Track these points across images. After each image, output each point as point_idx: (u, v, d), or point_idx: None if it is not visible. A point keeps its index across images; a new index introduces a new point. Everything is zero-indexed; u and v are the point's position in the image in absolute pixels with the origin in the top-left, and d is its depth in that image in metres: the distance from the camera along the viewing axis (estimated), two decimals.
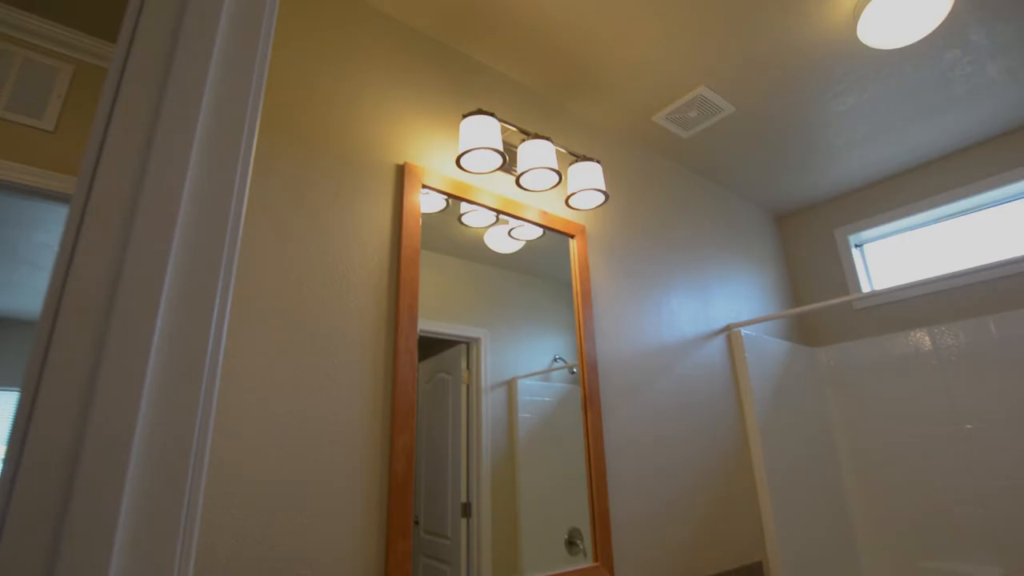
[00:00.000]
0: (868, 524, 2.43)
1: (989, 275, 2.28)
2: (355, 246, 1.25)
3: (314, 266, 1.17)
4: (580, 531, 1.47)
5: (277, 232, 1.14)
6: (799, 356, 2.57)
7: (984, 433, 2.18)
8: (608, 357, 1.73)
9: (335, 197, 1.26)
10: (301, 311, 1.12)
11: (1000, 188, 2.33)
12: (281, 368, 1.06)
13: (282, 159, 1.20)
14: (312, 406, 1.08)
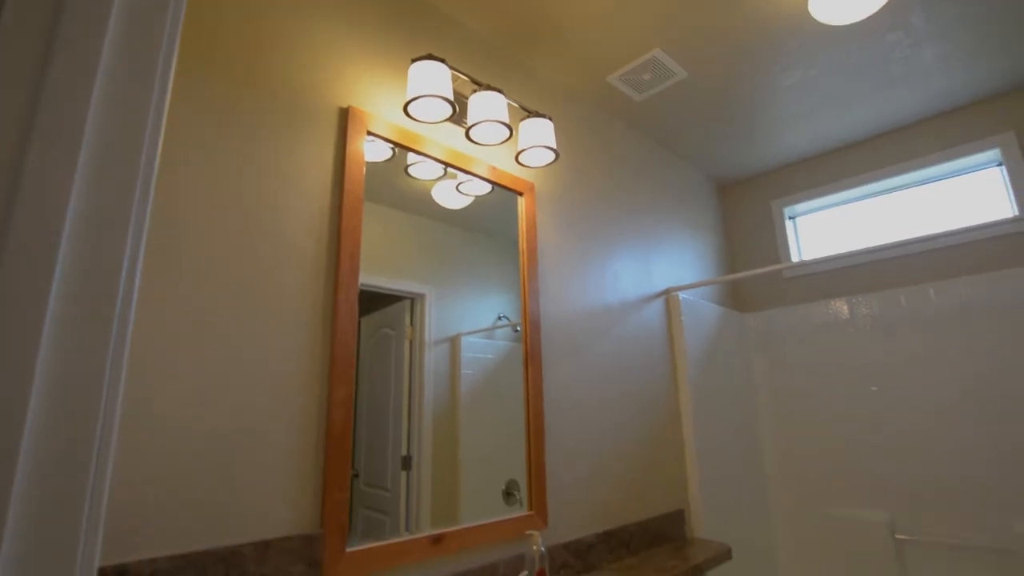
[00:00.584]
0: (780, 476, 2.65)
1: (903, 251, 2.46)
2: (294, 192, 1.18)
3: (250, 211, 1.10)
4: (517, 482, 1.52)
5: (210, 174, 1.06)
6: (731, 320, 2.71)
7: (885, 395, 2.40)
8: (551, 316, 1.75)
9: (273, 138, 1.17)
10: (236, 257, 1.06)
11: (921, 170, 2.48)
12: (214, 315, 1.01)
13: (217, 95, 1.10)
14: (247, 355, 1.03)
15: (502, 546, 1.41)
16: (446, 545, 1.25)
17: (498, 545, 1.40)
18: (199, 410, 0.96)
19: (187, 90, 1.06)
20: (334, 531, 1.05)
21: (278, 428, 1.05)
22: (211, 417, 0.97)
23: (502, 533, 1.39)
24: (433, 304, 1.43)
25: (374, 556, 1.11)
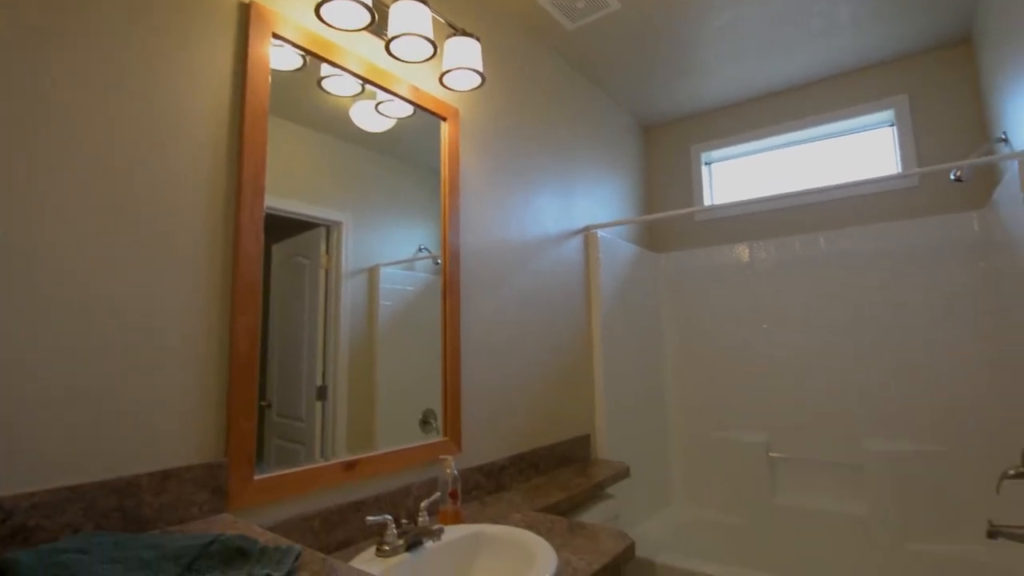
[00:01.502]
0: (678, 403, 2.89)
1: (800, 201, 2.64)
2: (187, 98, 1.05)
3: (134, 117, 0.97)
4: (434, 411, 1.55)
5: (83, 72, 0.91)
6: (644, 260, 2.83)
7: (774, 333, 2.64)
8: (471, 248, 1.74)
9: (161, 35, 1.02)
10: (117, 171, 0.94)
11: (826, 125, 2.64)
12: (96, 236, 0.90)
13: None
14: (136, 278, 0.94)
15: (416, 470, 1.45)
16: (359, 471, 1.27)
17: (412, 469, 1.43)
18: (84, 331, 0.87)
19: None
20: (240, 460, 1.03)
21: (176, 356, 0.98)
22: (98, 340, 0.89)
23: (416, 458, 1.42)
24: (351, 233, 1.37)
25: (283, 483, 1.10)
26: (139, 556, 0.66)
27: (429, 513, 1.41)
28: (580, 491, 1.72)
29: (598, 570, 1.10)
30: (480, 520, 1.39)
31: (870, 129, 2.62)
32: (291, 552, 0.71)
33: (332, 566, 0.72)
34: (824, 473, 2.48)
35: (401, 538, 1.15)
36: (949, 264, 2.27)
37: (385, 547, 1.12)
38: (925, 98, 2.41)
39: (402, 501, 1.37)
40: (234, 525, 0.91)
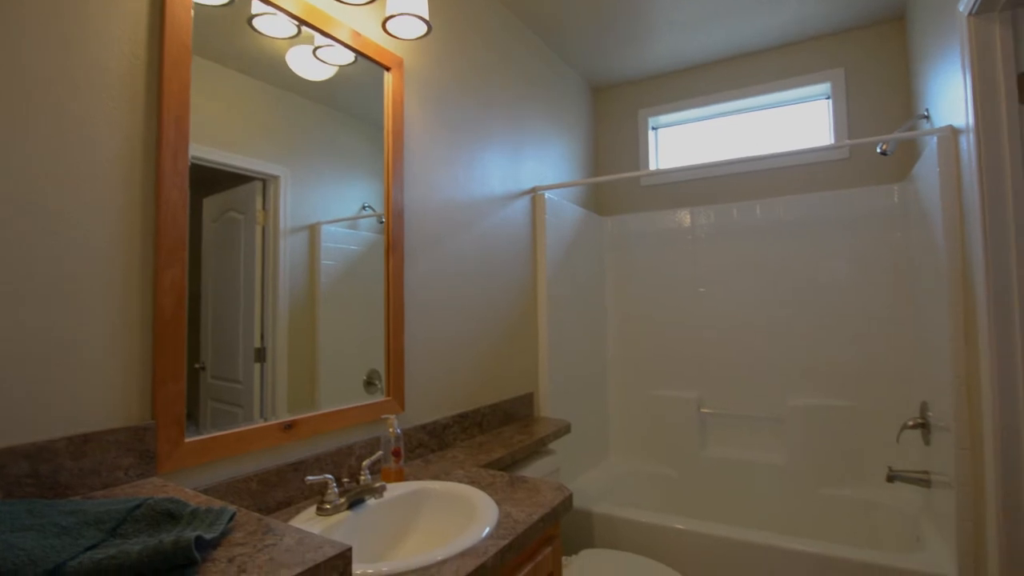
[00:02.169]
0: (618, 363, 2.99)
1: (739, 169, 2.72)
2: (97, 28, 0.94)
3: (38, 52, 0.86)
4: (378, 372, 1.53)
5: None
6: (590, 222, 2.86)
7: (709, 296, 2.76)
8: (416, 206, 1.69)
9: None
10: (15, 108, 0.84)
11: (767, 95, 2.70)
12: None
13: None
14: (44, 227, 0.86)
15: (359, 430, 1.44)
16: (298, 431, 1.25)
17: (355, 429, 1.42)
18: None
19: None
20: (169, 422, 0.98)
21: (93, 313, 0.91)
22: (7, 301, 0.81)
23: (358, 418, 1.41)
24: (289, 188, 1.30)
25: (217, 445, 1.07)
26: (56, 523, 0.63)
27: (371, 472, 1.42)
28: (522, 447, 1.77)
29: (537, 521, 1.14)
30: (423, 477, 1.41)
31: (808, 101, 2.71)
32: (224, 513, 0.69)
33: (268, 525, 0.71)
34: (749, 426, 2.66)
35: (343, 497, 1.15)
36: (870, 233, 2.42)
37: (326, 506, 1.12)
38: (860, 72, 2.50)
39: (344, 461, 1.37)
40: (163, 488, 0.88)
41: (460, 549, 0.99)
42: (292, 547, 0.65)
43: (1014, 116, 1.44)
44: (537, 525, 1.14)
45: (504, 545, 1.02)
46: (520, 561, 1.13)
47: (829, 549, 1.85)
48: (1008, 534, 1.43)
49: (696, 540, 2.04)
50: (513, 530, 1.08)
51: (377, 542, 1.18)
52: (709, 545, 2.02)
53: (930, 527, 1.99)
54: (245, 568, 0.59)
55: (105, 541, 0.61)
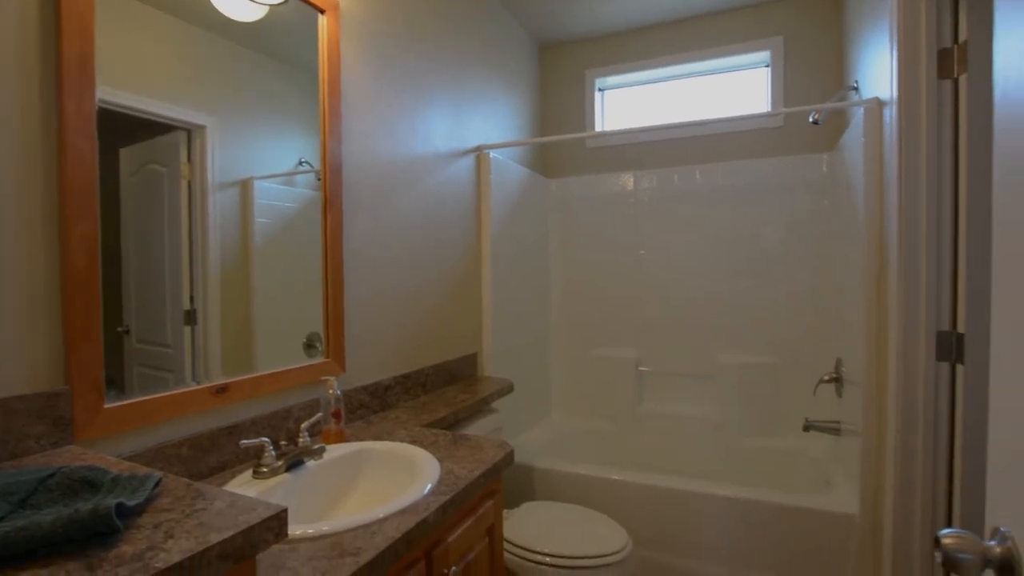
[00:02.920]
0: (561, 324, 3.05)
1: (682, 134, 2.77)
2: None
3: None
4: (319, 334, 1.49)
5: None
6: (535, 183, 2.85)
7: (649, 258, 2.84)
8: (355, 160, 1.63)
9: None
10: None
11: (712, 60, 2.73)
12: None
13: None
14: None
15: (297, 392, 1.41)
16: (232, 394, 1.21)
17: (293, 392, 1.39)
18: None
19: None
20: (86, 387, 0.93)
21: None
22: None
23: (296, 380, 1.38)
24: (217, 139, 1.21)
25: (142, 410, 1.02)
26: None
27: (310, 434, 1.40)
28: (465, 407, 1.79)
29: (478, 476, 1.17)
30: (365, 438, 1.41)
31: (749, 68, 2.76)
32: (149, 479, 0.67)
33: (198, 490, 0.69)
34: (682, 383, 2.80)
35: (280, 459, 1.13)
36: (800, 200, 2.54)
37: (263, 469, 1.10)
38: (798, 42, 2.57)
39: (282, 424, 1.34)
40: (82, 456, 0.83)
41: (401, 506, 1.00)
42: (223, 510, 0.63)
43: (933, 90, 1.53)
44: (478, 481, 1.17)
45: (445, 501, 1.04)
46: (462, 516, 1.16)
47: (750, 493, 2.00)
48: (902, 476, 1.59)
49: (631, 490, 2.16)
50: (455, 486, 1.10)
51: (317, 503, 1.18)
52: (643, 494, 2.15)
53: (839, 471, 2.19)
54: (173, 533, 0.58)
55: (13, 513, 0.57)
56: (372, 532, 0.91)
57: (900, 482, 1.60)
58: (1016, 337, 0.58)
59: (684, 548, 2.09)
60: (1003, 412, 0.62)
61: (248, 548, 0.59)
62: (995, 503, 0.63)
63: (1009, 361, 0.60)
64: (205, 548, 0.55)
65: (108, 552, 0.53)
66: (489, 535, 1.27)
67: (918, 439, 1.57)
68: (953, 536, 0.61)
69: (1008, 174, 0.60)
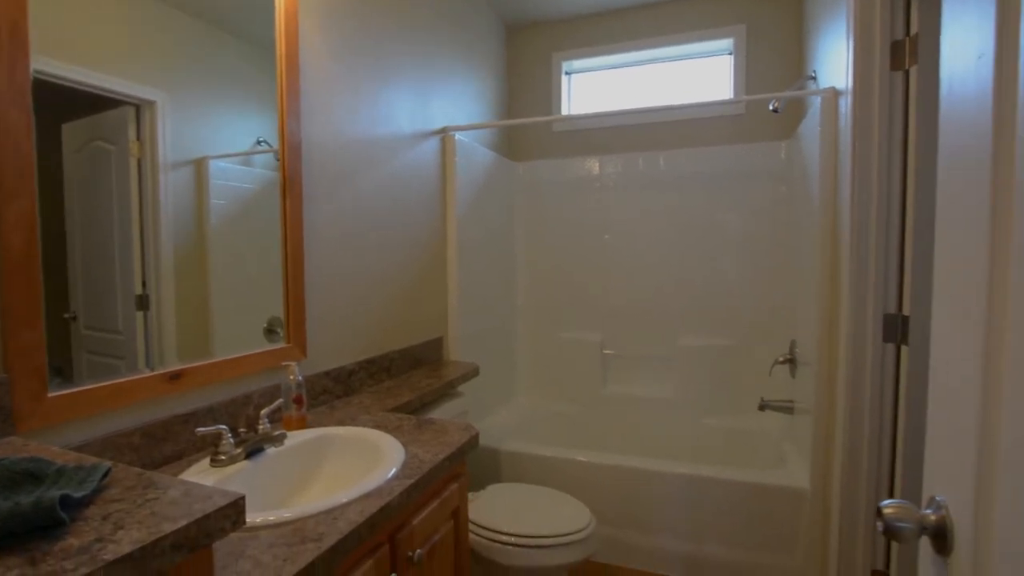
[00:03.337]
0: (527, 307, 3.07)
1: (647, 119, 2.79)
2: None
3: None
4: (280, 319, 1.46)
5: None
6: (501, 167, 2.83)
7: (614, 242, 2.87)
8: (316, 140, 1.58)
9: None
10: None
11: (678, 46, 2.75)
12: None
13: None
14: None
15: (257, 378, 1.38)
16: (187, 381, 1.17)
17: (252, 378, 1.36)
18: None
19: None
20: (26, 375, 0.88)
21: None
22: None
23: (256, 365, 1.35)
24: (168, 116, 1.16)
25: (90, 398, 0.98)
26: None
27: (271, 421, 1.38)
28: (430, 391, 1.79)
29: (443, 460, 1.17)
30: (328, 424, 1.39)
31: (713, 55, 2.79)
32: (97, 469, 0.64)
33: (151, 479, 0.67)
34: (645, 365, 2.86)
35: (239, 447, 1.11)
36: (759, 187, 2.61)
37: (221, 457, 1.08)
38: (760, 30, 2.61)
39: (241, 411, 1.31)
40: (24, 448, 0.80)
41: (365, 491, 1.00)
42: (177, 499, 0.62)
43: (885, 81, 1.58)
44: (443, 464, 1.17)
45: (410, 484, 1.04)
46: (426, 499, 1.17)
47: (708, 471, 2.07)
48: (849, 451, 1.67)
49: (595, 470, 2.21)
50: (419, 470, 1.10)
51: (279, 490, 1.16)
52: (606, 473, 2.19)
53: (792, 448, 2.28)
54: (123, 524, 0.56)
55: None
56: (334, 517, 0.91)
57: (848, 457, 1.68)
58: (953, 319, 0.61)
59: (646, 524, 2.15)
60: (940, 390, 0.65)
61: (203, 537, 0.58)
62: (931, 474, 0.67)
63: (946, 342, 0.63)
64: (157, 538, 0.53)
65: (53, 546, 0.51)
66: (454, 517, 1.28)
67: (864, 416, 1.65)
68: (893, 506, 0.64)
69: (951, 165, 0.63)
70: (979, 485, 0.53)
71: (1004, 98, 0.50)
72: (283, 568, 0.76)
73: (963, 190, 0.59)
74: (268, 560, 0.78)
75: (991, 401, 0.52)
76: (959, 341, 0.59)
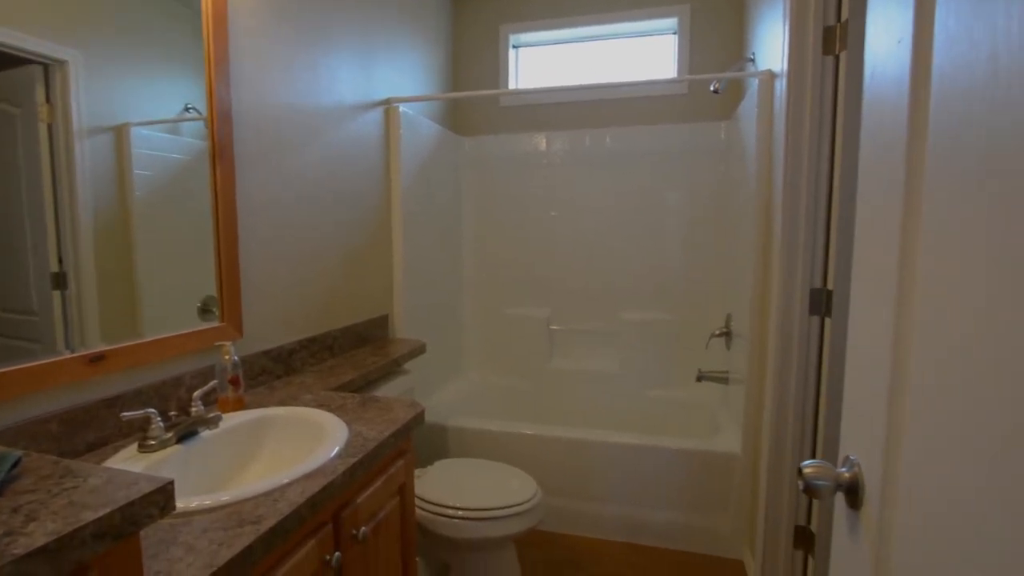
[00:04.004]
0: (473, 283, 3.06)
1: (594, 96, 2.80)
2: None
3: None
4: (216, 298, 1.39)
5: None
6: (448, 141, 2.78)
7: (561, 219, 2.89)
8: (249, 107, 1.49)
9: None
10: None
11: (625, 23, 2.76)
12: None
13: None
14: None
15: (189, 359, 1.31)
16: (111, 363, 1.10)
17: (184, 358, 1.30)
18: None
19: None
20: None
21: None
22: None
23: (188, 346, 1.28)
24: (83, 78, 1.06)
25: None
26: None
27: (205, 403, 1.32)
28: (376, 368, 1.76)
29: (388, 437, 1.17)
30: (268, 405, 1.35)
31: (659, 34, 2.82)
32: (5, 460, 0.60)
33: (68, 468, 0.63)
34: (589, 340, 2.92)
35: (170, 431, 1.06)
36: (700, 166, 2.68)
37: (150, 442, 1.02)
38: (704, 11, 2.65)
39: (172, 393, 1.25)
40: None
41: (307, 470, 0.98)
42: (99, 487, 0.58)
43: (817, 65, 1.64)
44: (388, 441, 1.17)
45: (354, 463, 1.03)
46: (371, 476, 1.16)
47: (647, 440, 2.16)
48: (777, 417, 1.78)
49: (541, 442, 2.26)
50: (363, 448, 1.09)
51: (216, 474, 1.12)
52: (552, 446, 2.25)
53: (726, 416, 2.41)
54: (36, 516, 0.52)
55: None
56: (274, 499, 0.89)
57: (775, 423, 1.79)
58: (868, 294, 0.66)
59: (590, 493, 2.23)
60: (856, 359, 0.70)
61: (128, 525, 0.55)
62: (846, 436, 0.72)
63: (862, 315, 0.68)
64: (75, 528, 0.50)
65: None
66: (400, 494, 1.28)
67: (791, 385, 1.75)
68: (812, 466, 0.69)
69: (871, 146, 0.67)
70: (887, 446, 0.58)
71: (919, 81, 0.53)
72: (218, 553, 0.74)
73: (880, 171, 0.62)
74: (202, 545, 0.76)
75: (899, 370, 0.57)
76: (873, 315, 0.64)
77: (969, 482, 0.43)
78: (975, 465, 0.42)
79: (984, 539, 0.41)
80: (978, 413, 0.42)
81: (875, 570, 0.59)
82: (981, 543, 0.41)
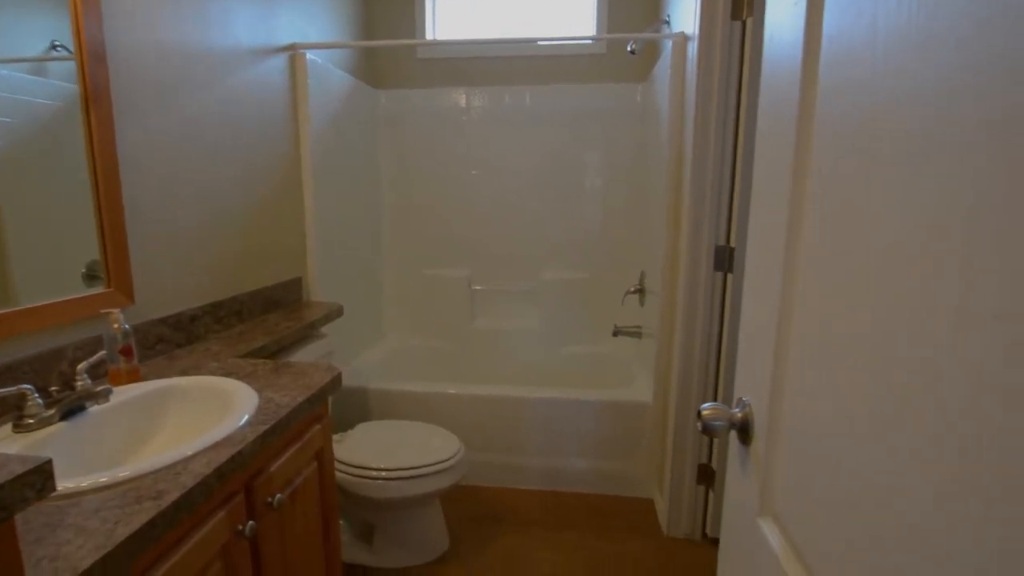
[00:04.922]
0: (392, 244, 2.98)
1: (513, 51, 2.75)
2: None
3: None
4: (101, 262, 1.26)
5: None
6: (362, 94, 2.63)
7: (481, 178, 2.86)
8: (128, 47, 1.33)
9: None
10: None
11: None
12: None
13: None
14: None
15: (71, 329, 1.19)
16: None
17: (64, 329, 1.17)
18: None
19: None
20: None
21: None
22: None
23: (68, 315, 1.16)
24: None
25: None
26: None
27: (93, 376, 1.21)
28: (288, 333, 1.69)
29: (302, 402, 1.13)
30: (169, 375, 1.26)
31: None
32: None
33: None
34: (511, 299, 2.96)
35: (52, 408, 0.96)
36: (618, 126, 2.72)
37: (28, 421, 0.93)
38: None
39: (52, 367, 1.13)
40: None
41: (213, 440, 0.93)
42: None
43: (726, 30, 1.69)
44: (302, 406, 1.13)
45: (265, 430, 0.99)
46: (285, 443, 1.12)
47: (564, 393, 2.25)
48: (683, 367, 1.91)
49: (463, 401, 2.29)
50: (275, 415, 1.05)
51: (110, 451, 1.04)
52: (474, 404, 2.28)
53: (640, 368, 2.55)
54: None
55: None
56: (177, 472, 0.84)
57: (682, 372, 1.91)
58: (759, 249, 0.70)
59: (512, 447, 2.30)
60: (749, 310, 0.75)
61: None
62: (740, 380, 0.78)
63: (755, 270, 0.73)
64: None
65: None
66: (318, 459, 1.25)
67: (696, 337, 1.88)
68: (710, 409, 0.74)
69: (768, 110, 0.70)
70: (773, 387, 0.63)
71: (811, 45, 0.55)
72: (114, 531, 0.69)
73: (775, 132, 0.66)
74: (95, 525, 0.70)
75: (784, 320, 0.61)
76: (764, 270, 0.68)
77: (830, 416, 0.48)
78: (835, 401, 0.47)
79: (839, 463, 0.46)
80: (844, 359, 0.47)
81: (761, 495, 0.66)
82: (837, 465, 0.46)
